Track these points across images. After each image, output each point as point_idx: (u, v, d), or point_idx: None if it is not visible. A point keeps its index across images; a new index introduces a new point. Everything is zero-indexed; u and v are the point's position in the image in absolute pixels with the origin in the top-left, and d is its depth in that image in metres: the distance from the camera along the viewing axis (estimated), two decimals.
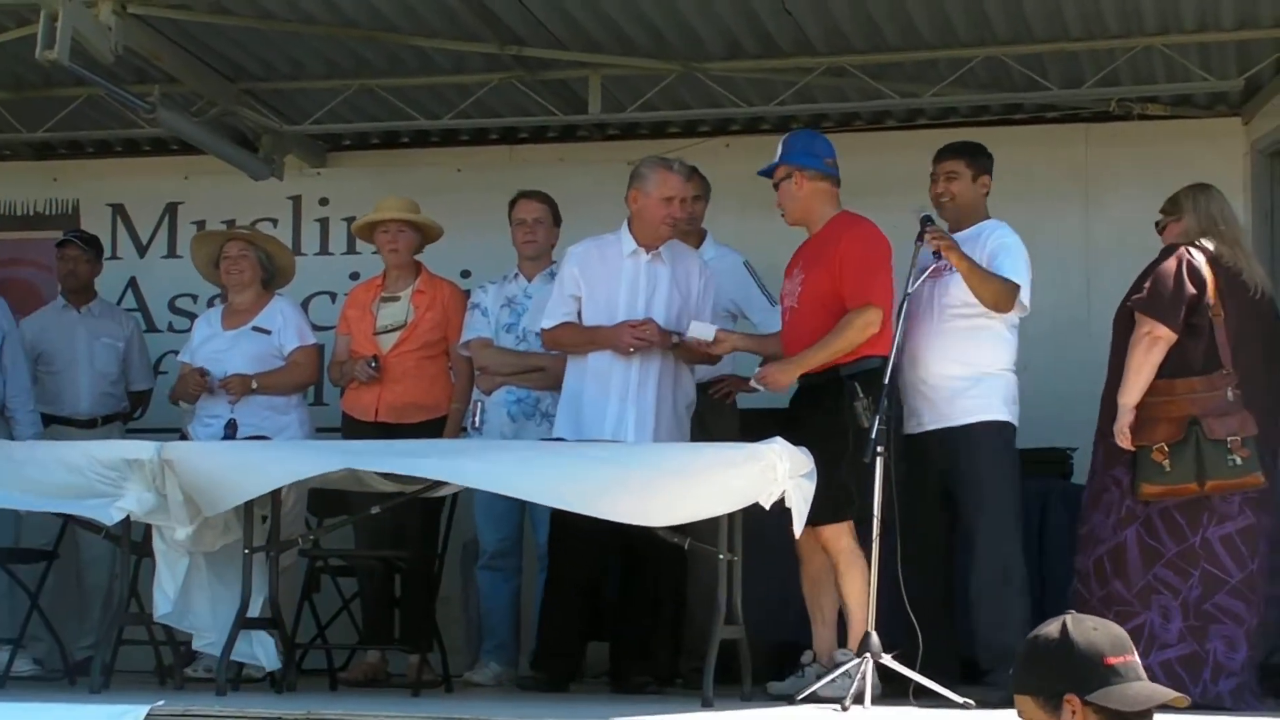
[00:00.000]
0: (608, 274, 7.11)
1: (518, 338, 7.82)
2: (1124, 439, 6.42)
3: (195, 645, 6.87)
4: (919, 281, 6.54)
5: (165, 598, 6.66)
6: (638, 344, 6.93)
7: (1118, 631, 3.39)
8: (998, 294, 6.58)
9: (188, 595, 6.75)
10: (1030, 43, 8.06)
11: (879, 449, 6.11)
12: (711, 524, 6.26)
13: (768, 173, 6.87)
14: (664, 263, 7.10)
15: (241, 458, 6.68)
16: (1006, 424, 6.68)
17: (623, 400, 6.96)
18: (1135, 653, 3.36)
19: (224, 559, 6.78)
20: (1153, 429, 6.42)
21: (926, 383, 6.68)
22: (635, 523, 6.20)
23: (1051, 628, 3.38)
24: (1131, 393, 6.40)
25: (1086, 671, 3.31)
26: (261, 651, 6.78)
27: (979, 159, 6.94)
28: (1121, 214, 8.54)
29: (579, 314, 7.14)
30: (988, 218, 6.90)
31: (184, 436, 7.98)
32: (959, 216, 6.88)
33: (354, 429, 7.88)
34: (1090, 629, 3.35)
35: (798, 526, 6.11)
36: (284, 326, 8.06)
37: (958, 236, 6.71)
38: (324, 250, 9.69)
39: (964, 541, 6.68)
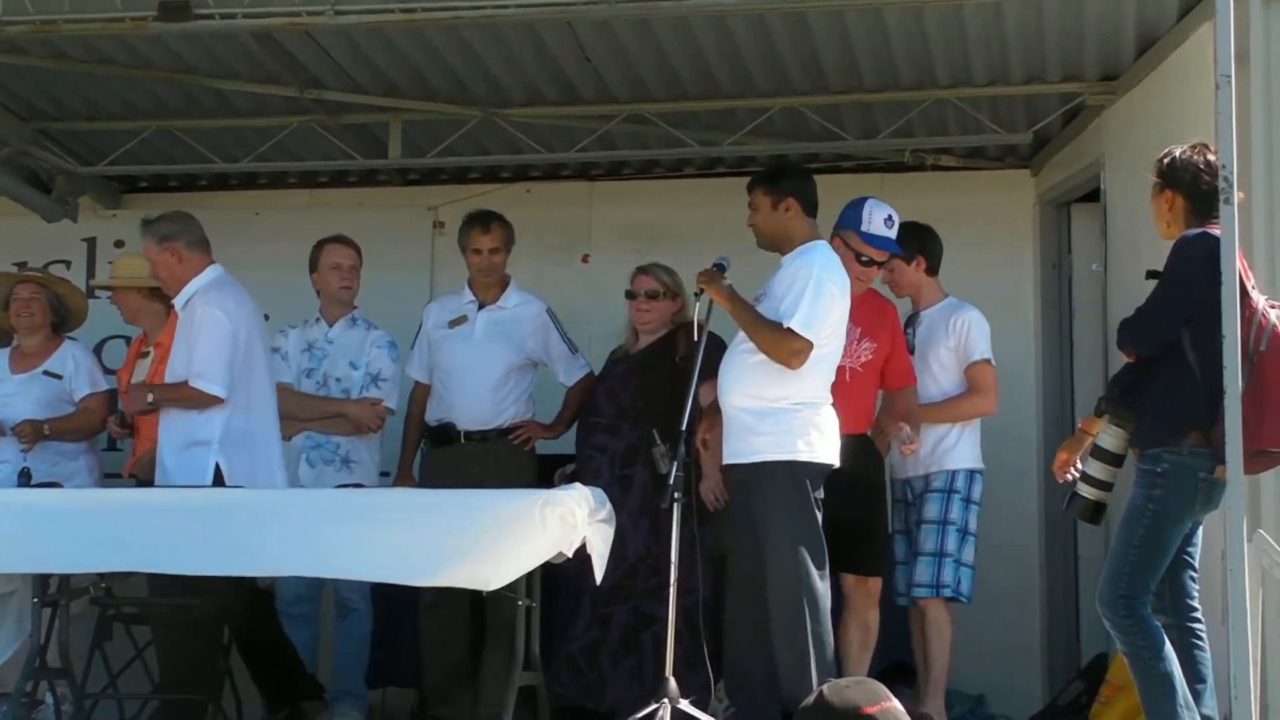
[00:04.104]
0: None
1: (318, 383, 7.78)
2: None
3: None
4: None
5: None
6: None
7: (873, 685, 3.63)
8: (766, 345, 6.35)
9: None
10: (827, 94, 8.19)
11: (676, 495, 6.06)
12: None
13: (895, 250, 7.17)
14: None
15: (32, 525, 6.33)
16: (798, 462, 6.29)
17: None
18: (893, 699, 3.60)
19: None
20: None
21: (725, 414, 6.51)
22: (443, 585, 6.09)
23: (811, 697, 3.65)
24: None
25: None
26: None
27: (778, 184, 6.58)
28: None
29: None
30: (808, 241, 6.53)
31: None
32: (773, 245, 6.60)
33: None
34: (844, 688, 3.63)
35: (599, 571, 6.08)
36: (76, 372, 7.93)
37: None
38: None
39: None
